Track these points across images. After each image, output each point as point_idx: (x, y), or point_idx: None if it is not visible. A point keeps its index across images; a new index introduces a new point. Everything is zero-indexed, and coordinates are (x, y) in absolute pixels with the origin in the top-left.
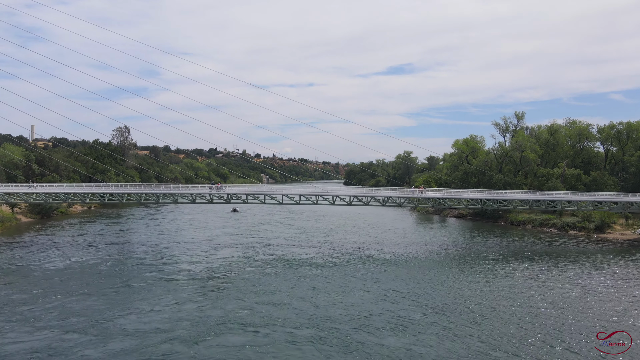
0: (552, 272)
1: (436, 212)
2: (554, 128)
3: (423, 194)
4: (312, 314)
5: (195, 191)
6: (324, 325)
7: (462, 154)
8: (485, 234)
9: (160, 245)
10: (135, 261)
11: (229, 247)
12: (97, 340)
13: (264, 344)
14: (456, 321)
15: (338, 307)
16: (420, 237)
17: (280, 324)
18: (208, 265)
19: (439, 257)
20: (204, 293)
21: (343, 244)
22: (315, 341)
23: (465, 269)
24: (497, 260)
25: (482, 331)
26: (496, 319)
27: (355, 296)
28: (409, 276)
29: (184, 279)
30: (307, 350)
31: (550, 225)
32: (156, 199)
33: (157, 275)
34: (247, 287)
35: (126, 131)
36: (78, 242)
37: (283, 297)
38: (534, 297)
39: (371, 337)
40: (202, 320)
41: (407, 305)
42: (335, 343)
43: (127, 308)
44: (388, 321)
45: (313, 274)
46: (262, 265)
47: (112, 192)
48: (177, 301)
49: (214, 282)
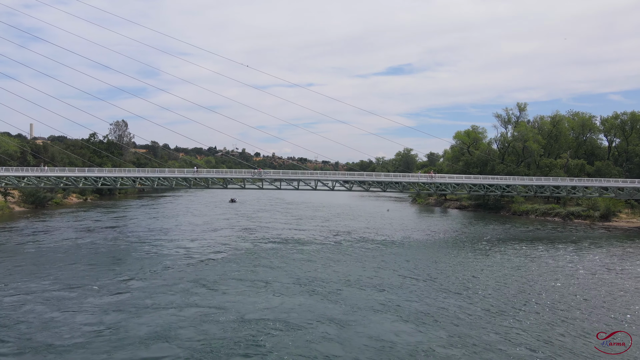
0: (557, 255)
1: (437, 203)
2: (557, 119)
3: (433, 180)
4: (307, 277)
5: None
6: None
7: (464, 145)
8: (487, 223)
9: (158, 229)
10: (131, 240)
11: (230, 229)
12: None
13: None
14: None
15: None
16: (424, 225)
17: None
18: (208, 244)
19: (438, 241)
20: (200, 269)
21: (346, 230)
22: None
23: (462, 252)
24: (497, 245)
25: (475, 331)
26: (494, 307)
27: (353, 267)
28: (412, 256)
29: (178, 255)
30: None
31: (554, 215)
32: (152, 184)
33: (150, 250)
34: (248, 262)
35: (124, 125)
36: (72, 227)
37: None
38: (537, 282)
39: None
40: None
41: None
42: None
43: (118, 280)
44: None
45: (310, 251)
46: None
47: (106, 175)
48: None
49: (211, 258)
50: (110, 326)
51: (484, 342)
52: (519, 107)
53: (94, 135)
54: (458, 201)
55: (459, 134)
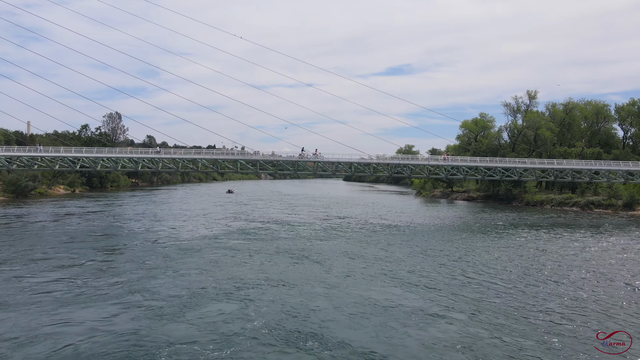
0: (583, 239)
1: (443, 195)
2: (570, 106)
3: (446, 162)
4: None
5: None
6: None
7: (471, 134)
8: (500, 213)
9: (146, 213)
10: (119, 224)
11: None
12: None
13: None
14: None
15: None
16: (432, 213)
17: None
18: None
19: (449, 226)
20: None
21: (348, 215)
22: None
23: (470, 239)
24: (512, 230)
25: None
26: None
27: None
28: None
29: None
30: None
31: (571, 204)
32: (136, 166)
33: (140, 234)
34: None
35: (117, 118)
36: (55, 212)
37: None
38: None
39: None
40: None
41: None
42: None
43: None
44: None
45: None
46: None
47: (85, 156)
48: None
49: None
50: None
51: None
52: (529, 94)
53: (86, 127)
54: (465, 192)
55: (466, 122)
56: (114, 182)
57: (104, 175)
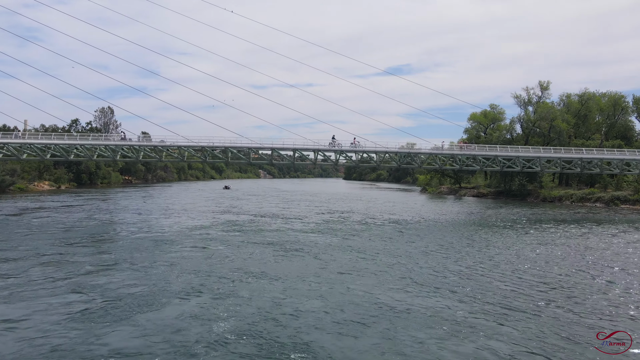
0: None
1: (450, 192)
2: (586, 97)
3: (462, 151)
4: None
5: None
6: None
7: (481, 127)
8: (515, 209)
9: (130, 208)
10: (90, 216)
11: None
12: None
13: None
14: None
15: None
16: (441, 209)
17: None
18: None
19: (460, 224)
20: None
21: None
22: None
23: (474, 236)
24: (537, 229)
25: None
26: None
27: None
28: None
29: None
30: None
31: (594, 200)
32: (115, 155)
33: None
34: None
35: (110, 112)
36: (26, 206)
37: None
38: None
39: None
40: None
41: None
42: None
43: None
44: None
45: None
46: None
47: (55, 143)
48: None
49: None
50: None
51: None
52: (541, 85)
53: (76, 121)
54: (475, 188)
55: (474, 115)
56: (105, 178)
57: (93, 172)
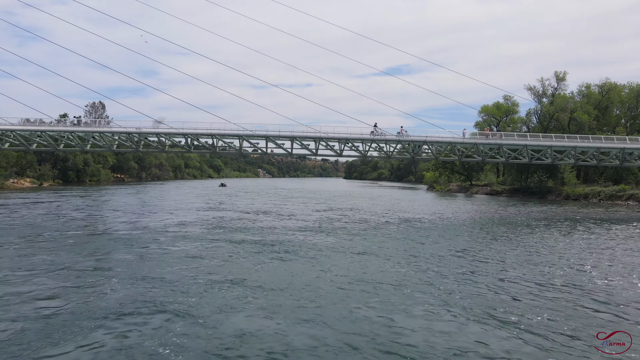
0: None
1: (460, 189)
2: (607, 87)
3: (488, 140)
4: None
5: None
6: None
7: (493, 120)
8: (535, 207)
9: (110, 206)
10: (61, 213)
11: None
12: None
13: None
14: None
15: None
16: (456, 210)
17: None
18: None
19: (477, 224)
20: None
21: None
22: None
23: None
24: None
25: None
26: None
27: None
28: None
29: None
30: None
31: (625, 197)
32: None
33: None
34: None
35: (100, 107)
36: (20, 201)
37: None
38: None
39: None
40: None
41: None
42: None
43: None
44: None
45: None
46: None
47: (43, 129)
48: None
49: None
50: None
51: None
52: (557, 76)
53: (65, 116)
54: (487, 186)
55: (486, 107)
56: (94, 176)
57: (81, 168)
